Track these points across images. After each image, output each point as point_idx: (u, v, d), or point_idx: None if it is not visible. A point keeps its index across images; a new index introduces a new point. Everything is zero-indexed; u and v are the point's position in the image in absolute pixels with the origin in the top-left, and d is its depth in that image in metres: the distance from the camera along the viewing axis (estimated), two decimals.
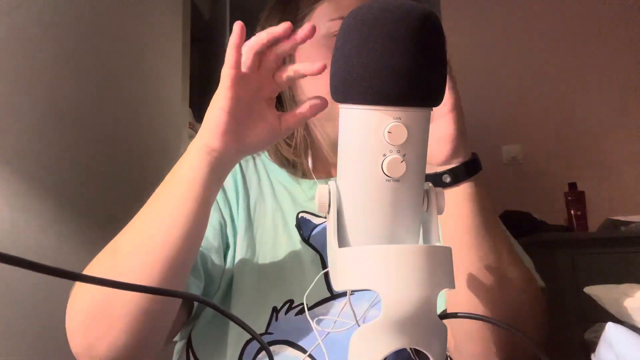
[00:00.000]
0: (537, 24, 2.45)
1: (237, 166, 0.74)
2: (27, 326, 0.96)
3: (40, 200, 1.01)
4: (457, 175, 0.55)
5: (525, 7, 2.48)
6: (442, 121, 0.55)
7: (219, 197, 0.69)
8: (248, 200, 0.72)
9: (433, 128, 0.54)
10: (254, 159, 0.78)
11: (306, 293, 0.52)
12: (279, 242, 0.68)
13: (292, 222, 0.70)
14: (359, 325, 0.58)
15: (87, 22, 1.23)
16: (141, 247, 0.51)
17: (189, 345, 0.64)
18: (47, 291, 0.98)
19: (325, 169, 0.76)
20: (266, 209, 0.71)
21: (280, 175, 0.75)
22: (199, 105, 1.98)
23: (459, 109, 0.55)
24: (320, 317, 0.61)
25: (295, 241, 0.68)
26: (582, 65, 2.38)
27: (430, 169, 0.57)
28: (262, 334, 0.60)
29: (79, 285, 0.53)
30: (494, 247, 0.56)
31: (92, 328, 0.51)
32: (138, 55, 1.49)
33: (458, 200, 0.56)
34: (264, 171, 0.76)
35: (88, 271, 0.53)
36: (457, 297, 0.57)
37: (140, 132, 1.49)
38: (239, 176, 0.73)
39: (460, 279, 0.56)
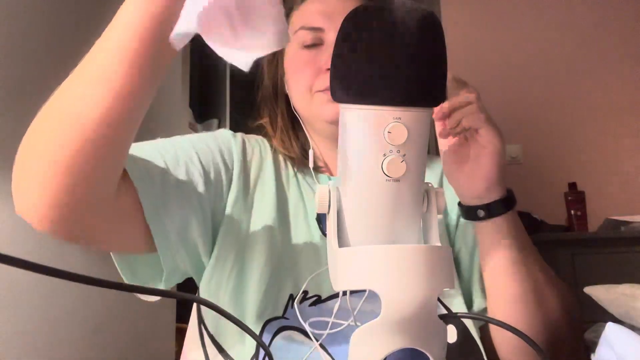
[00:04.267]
0: (537, 24, 2.45)
1: (269, 156, 0.74)
2: (27, 326, 0.96)
3: None
4: (491, 211, 0.58)
5: (526, 6, 2.48)
6: (483, 160, 0.57)
7: (237, 165, 0.69)
8: (274, 187, 0.71)
9: (473, 164, 0.57)
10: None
11: (302, 287, 0.52)
12: (298, 232, 0.68)
13: (313, 214, 0.70)
14: (354, 323, 0.58)
15: (86, 23, 1.23)
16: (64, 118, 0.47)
17: (200, 320, 0.65)
18: (47, 291, 0.98)
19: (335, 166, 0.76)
20: (289, 199, 0.71)
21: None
22: (199, 105, 1.97)
23: (501, 153, 0.58)
24: (325, 311, 0.62)
25: (314, 233, 0.68)
26: (582, 65, 2.38)
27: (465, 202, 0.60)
28: (279, 317, 0.61)
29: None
30: (529, 273, 0.59)
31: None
32: None
33: (492, 233, 0.59)
34: (289, 163, 0.76)
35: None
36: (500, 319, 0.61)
37: (140, 133, 1.48)
38: (268, 162, 0.73)
39: (500, 302, 0.61)
